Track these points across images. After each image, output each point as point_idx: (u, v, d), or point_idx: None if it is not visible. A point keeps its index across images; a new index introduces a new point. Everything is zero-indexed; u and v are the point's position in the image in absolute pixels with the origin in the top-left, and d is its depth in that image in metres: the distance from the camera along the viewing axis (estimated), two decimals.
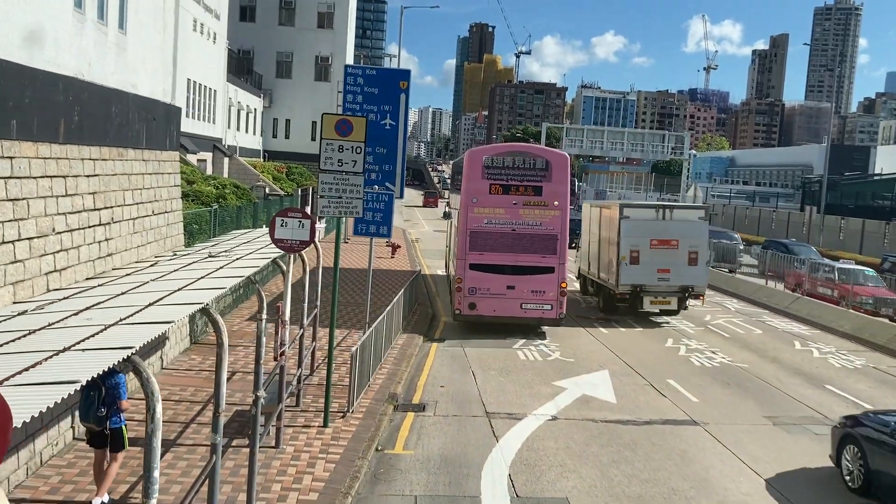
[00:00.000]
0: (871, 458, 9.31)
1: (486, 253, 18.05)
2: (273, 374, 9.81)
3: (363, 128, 10.53)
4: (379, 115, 38.02)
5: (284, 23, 50.42)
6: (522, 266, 18.00)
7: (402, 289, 18.32)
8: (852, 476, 9.68)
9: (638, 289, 20.52)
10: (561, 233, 18.15)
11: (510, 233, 18.06)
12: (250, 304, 19.04)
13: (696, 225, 21.18)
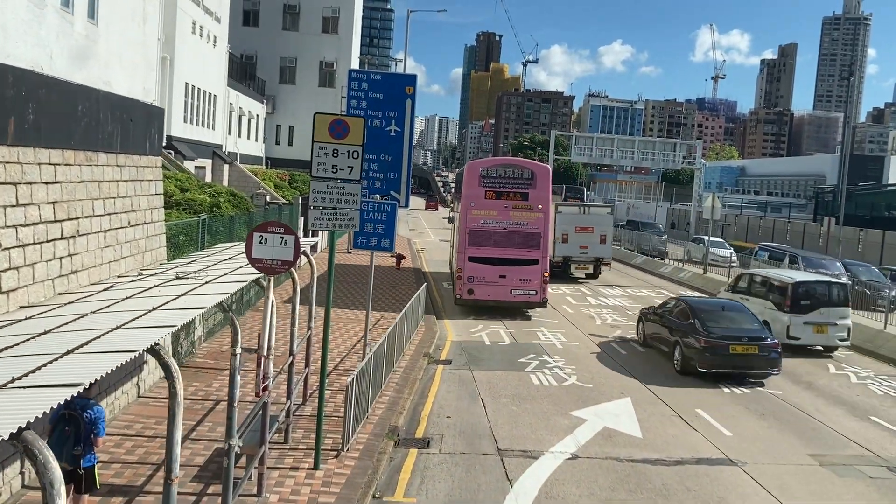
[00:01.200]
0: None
1: (482, 248, 21.57)
2: (255, 411, 8.54)
3: (361, 129, 9.29)
4: (384, 122, 36.83)
5: (288, 27, 49.43)
6: (512, 258, 21.47)
7: (406, 305, 17.07)
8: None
9: (567, 259, 30.07)
10: (544, 231, 21.78)
11: (502, 231, 21.60)
12: (245, 322, 17.80)
13: (606, 217, 31.82)
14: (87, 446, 6.77)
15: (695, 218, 65.20)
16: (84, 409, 6.69)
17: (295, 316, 10.61)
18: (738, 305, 17.03)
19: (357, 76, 37.49)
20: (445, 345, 17.70)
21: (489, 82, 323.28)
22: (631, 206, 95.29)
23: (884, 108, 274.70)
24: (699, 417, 12.86)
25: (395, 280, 27.25)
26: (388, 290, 24.54)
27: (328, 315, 9.94)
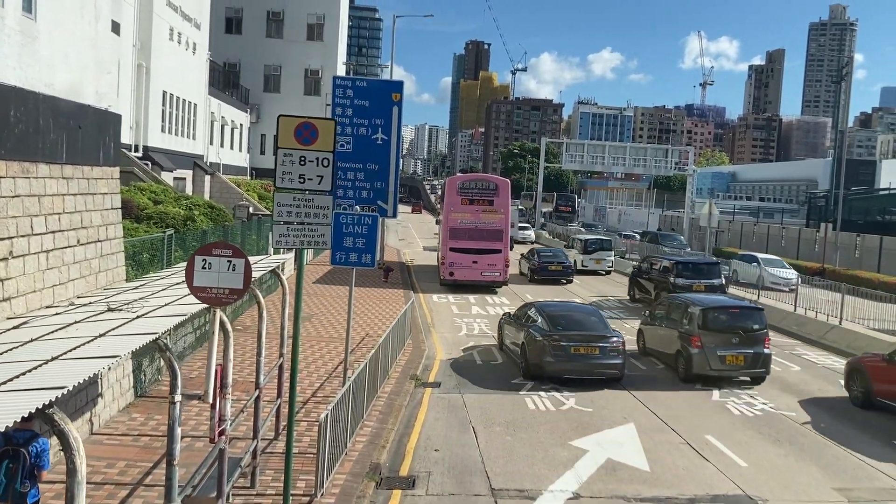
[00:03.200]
0: None
1: (459, 241, 28.00)
2: (210, 460, 7.41)
3: (331, 134, 8.20)
4: (370, 130, 35.68)
5: (272, 35, 48.38)
6: (481, 249, 28.00)
7: (392, 323, 15.97)
8: None
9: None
10: (505, 228, 28.65)
11: (474, 228, 28.17)
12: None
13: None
14: (31, 480, 6.16)
15: (688, 224, 64.37)
16: (28, 443, 6.06)
17: (261, 344, 9.49)
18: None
19: (342, 83, 36.39)
20: (434, 365, 16.59)
21: (478, 91, 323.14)
22: (622, 213, 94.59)
23: (871, 112, 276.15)
24: (709, 445, 11.79)
25: (383, 294, 26.14)
26: (375, 306, 23.43)
27: (296, 344, 8.81)
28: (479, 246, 27.93)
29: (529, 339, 15.53)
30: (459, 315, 23.30)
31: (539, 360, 15.06)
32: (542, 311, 16.18)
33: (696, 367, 15.38)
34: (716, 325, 15.74)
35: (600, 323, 16.06)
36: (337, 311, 22.08)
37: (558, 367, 14.94)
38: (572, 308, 17.77)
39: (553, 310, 16.58)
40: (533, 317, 16.24)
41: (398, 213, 19.14)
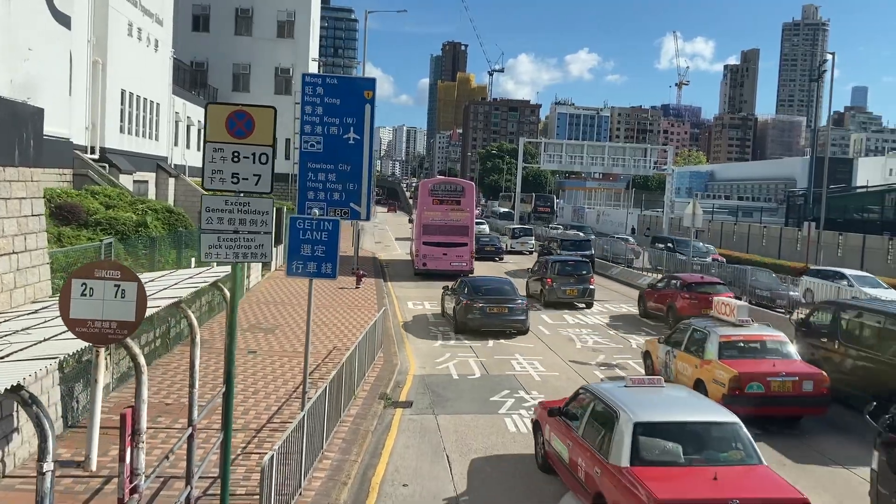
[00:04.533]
0: None
1: (431, 236, 31.70)
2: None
3: (270, 124, 6.91)
4: (342, 129, 34.33)
5: (241, 32, 46.84)
6: (450, 242, 31.53)
7: (361, 335, 14.67)
8: None
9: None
10: (470, 224, 32.42)
11: (443, 225, 31.78)
12: (172, 361, 15.20)
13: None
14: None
15: (667, 224, 63.65)
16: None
17: (193, 375, 8.12)
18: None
19: (311, 80, 34.87)
20: (407, 381, 15.30)
21: (456, 92, 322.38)
22: (601, 214, 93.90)
23: (843, 111, 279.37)
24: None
25: (354, 300, 24.80)
26: (345, 314, 22.08)
27: (230, 376, 7.48)
28: (448, 240, 31.78)
29: (458, 304, 20.47)
30: (435, 323, 22.04)
31: (464, 318, 20.00)
32: (467, 283, 21.30)
33: (548, 295, 25.25)
34: (560, 268, 25.70)
35: (511, 290, 20.99)
36: (300, 322, 20.69)
37: (478, 323, 19.82)
38: (490, 279, 22.72)
39: (476, 281, 21.81)
40: (461, 287, 21.00)
41: (376, 215, 17.79)
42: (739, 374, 12.23)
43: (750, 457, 7.97)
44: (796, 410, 12.58)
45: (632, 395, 8.82)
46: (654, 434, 7.98)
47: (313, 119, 32.80)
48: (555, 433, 9.67)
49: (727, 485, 7.28)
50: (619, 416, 8.16)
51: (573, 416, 9.37)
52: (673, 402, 9.26)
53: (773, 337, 13.69)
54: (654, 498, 7.00)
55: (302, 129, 32.25)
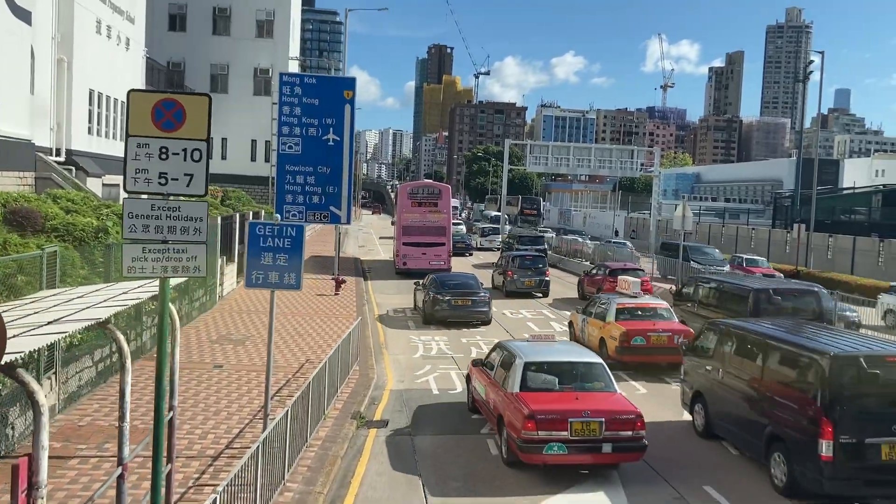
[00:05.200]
0: None
1: (411, 236, 33.22)
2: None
3: (205, 115, 5.92)
4: (321, 130, 33.21)
5: (219, 32, 45.76)
6: (428, 242, 32.99)
7: (334, 348, 13.65)
8: None
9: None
10: (447, 225, 33.93)
11: (422, 226, 33.30)
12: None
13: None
14: None
15: (654, 227, 62.98)
16: None
17: (124, 404, 7.04)
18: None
19: (289, 80, 33.71)
20: (383, 396, 14.29)
21: (442, 95, 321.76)
22: (588, 216, 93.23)
23: (827, 113, 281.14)
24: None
25: (332, 308, 23.74)
26: (322, 323, 21.02)
27: (160, 409, 6.45)
28: (427, 240, 33.38)
29: (427, 297, 22.32)
30: (417, 333, 21.05)
31: (432, 310, 21.89)
32: (435, 278, 23.14)
33: (508, 285, 28.60)
34: (520, 262, 29.23)
35: (475, 284, 23.00)
36: (278, 330, 19.63)
37: (444, 315, 21.70)
38: (457, 275, 25.05)
39: (443, 277, 23.86)
40: (430, 283, 22.85)
41: (361, 218, 16.96)
42: (627, 330, 16.48)
43: (608, 386, 11.09)
44: (670, 358, 15.68)
45: (529, 346, 12.13)
46: (537, 370, 11.13)
47: (291, 120, 31.77)
48: (477, 379, 12.68)
49: (584, 402, 10.42)
50: (516, 359, 11.33)
51: (490, 365, 12.38)
52: (557, 351, 12.27)
53: (658, 305, 18.14)
54: (531, 410, 10.07)
55: (279, 131, 31.23)
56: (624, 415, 10.18)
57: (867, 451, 9.22)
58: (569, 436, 9.89)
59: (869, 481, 9.31)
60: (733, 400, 11.32)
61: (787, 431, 9.91)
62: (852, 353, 9.71)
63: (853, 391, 9.50)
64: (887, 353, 9.90)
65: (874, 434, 9.20)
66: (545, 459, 10.00)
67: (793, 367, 10.25)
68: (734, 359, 11.67)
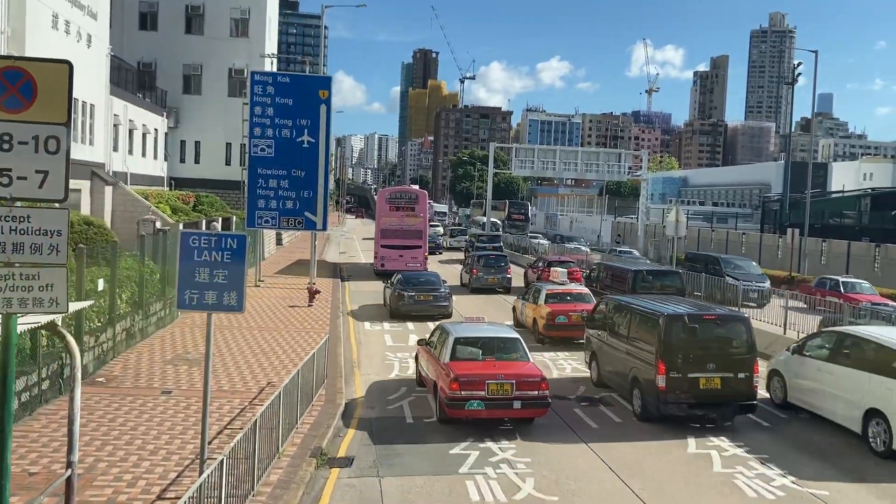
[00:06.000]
0: None
1: (389, 239, 34.80)
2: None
3: (65, 89, 4.29)
4: (295, 131, 31.42)
5: (192, 31, 43.96)
6: (405, 245, 34.47)
7: (294, 372, 12.06)
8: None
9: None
10: (423, 229, 35.61)
11: (399, 229, 34.82)
12: (27, 428, 12.40)
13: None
14: None
15: (642, 232, 61.76)
16: None
17: (4, 466, 5.44)
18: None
19: (261, 78, 31.92)
20: (350, 426, 12.70)
21: (427, 99, 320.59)
22: (574, 221, 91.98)
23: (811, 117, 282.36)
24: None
25: (304, 321, 22.10)
26: (291, 338, 19.38)
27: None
28: (404, 243, 34.83)
29: (392, 293, 24.28)
30: (393, 348, 19.48)
31: (396, 305, 23.70)
32: (402, 277, 24.95)
33: (473, 282, 31.43)
34: (484, 262, 32.06)
35: (437, 281, 24.88)
36: (243, 347, 17.98)
37: (408, 309, 23.40)
38: (420, 273, 27.31)
39: (408, 275, 25.57)
40: (397, 280, 24.73)
41: (345, 223, 15.94)
42: (552, 310, 20.29)
43: (522, 356, 13.31)
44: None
45: (463, 325, 14.71)
46: (465, 344, 13.28)
47: (263, 121, 30.08)
48: (422, 355, 14.83)
49: (500, 369, 12.60)
50: (449, 336, 13.42)
51: (432, 343, 14.33)
52: (483, 329, 14.47)
53: (581, 291, 22.17)
54: (455, 374, 12.17)
55: (251, 132, 29.54)
56: (531, 378, 12.53)
57: (690, 383, 12.72)
58: (486, 395, 12.15)
59: (691, 404, 12.82)
60: (613, 355, 14.97)
61: (641, 372, 13.44)
62: (680, 313, 13.29)
63: (680, 340, 12.95)
64: (705, 313, 13.76)
65: (694, 370, 12.77)
66: (467, 414, 12.26)
67: (645, 325, 13.76)
68: (613, 324, 15.27)
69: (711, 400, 12.76)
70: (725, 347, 13.25)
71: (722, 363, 12.83)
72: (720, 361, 12.85)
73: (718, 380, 12.73)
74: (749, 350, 13.11)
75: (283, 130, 29.42)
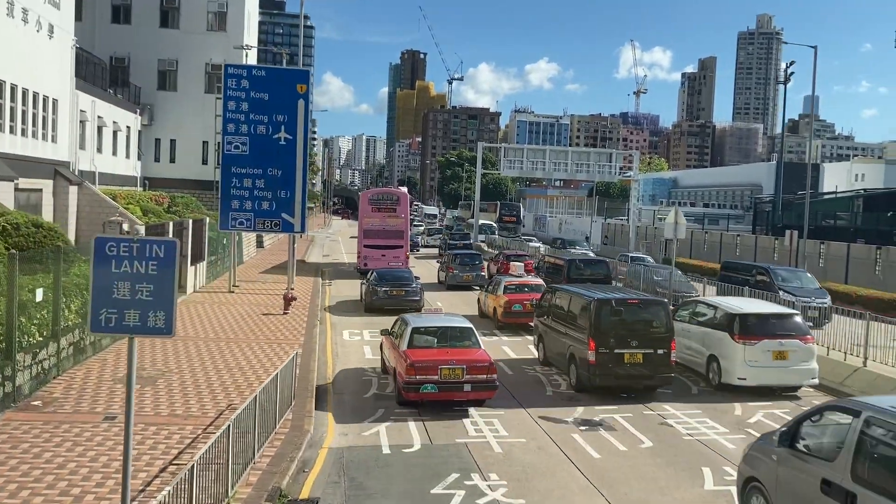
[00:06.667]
0: None
1: (371, 239, 35.69)
2: None
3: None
4: (271, 128, 29.53)
5: (167, 25, 42.18)
6: (387, 245, 35.32)
7: (251, 397, 10.42)
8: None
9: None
10: (405, 229, 36.58)
11: (382, 230, 35.73)
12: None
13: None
14: None
15: (633, 234, 60.42)
16: None
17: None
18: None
19: (235, 72, 30.05)
20: (318, 459, 11.09)
21: (415, 100, 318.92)
22: (563, 223, 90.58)
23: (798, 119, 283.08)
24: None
25: (278, 331, 20.42)
26: (261, 352, 17.71)
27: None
28: (386, 243, 35.57)
29: (367, 288, 25.70)
30: (372, 361, 17.87)
31: (371, 299, 24.89)
32: (376, 273, 26.48)
33: (449, 280, 32.94)
34: (460, 260, 33.53)
35: (409, 276, 26.16)
36: (206, 362, 16.31)
37: (381, 303, 24.40)
38: (392, 269, 27.96)
39: (382, 271, 26.98)
40: (371, 276, 26.30)
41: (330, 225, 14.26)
42: (509, 300, 22.44)
43: (474, 344, 14.38)
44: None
45: (421, 316, 16.20)
46: (421, 333, 14.40)
47: (238, 116, 28.33)
48: (385, 345, 15.85)
49: (452, 355, 13.74)
50: (407, 325, 14.57)
51: (394, 333, 15.28)
52: (440, 319, 15.56)
53: (537, 282, 24.16)
54: (411, 360, 13.43)
55: (224, 128, 27.82)
56: (480, 363, 13.61)
57: (615, 358, 14.67)
58: (439, 379, 13.24)
59: (618, 376, 14.79)
60: (554, 337, 17.00)
61: (576, 349, 15.43)
62: (608, 298, 15.54)
63: (607, 321, 14.95)
64: (629, 298, 16.09)
65: (620, 347, 14.73)
66: (422, 396, 13.30)
67: (579, 308, 15.78)
68: (554, 310, 17.34)
69: (635, 372, 14.91)
70: (646, 328, 15.26)
71: (643, 341, 14.93)
72: (642, 339, 14.96)
73: (640, 355, 14.83)
74: (667, 330, 15.24)
75: (259, 127, 27.76)
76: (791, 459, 8.04)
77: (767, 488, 8.27)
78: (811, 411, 8.46)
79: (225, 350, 17.64)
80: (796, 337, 15.72)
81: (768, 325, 15.92)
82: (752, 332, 15.60)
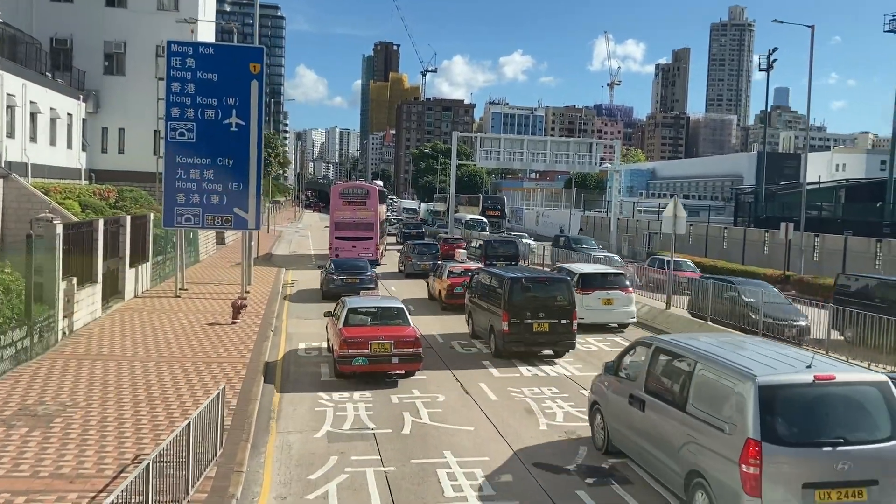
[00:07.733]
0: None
1: (342, 231, 37.35)
2: None
3: None
4: (221, 112, 25.62)
5: (114, 4, 38.80)
6: (358, 237, 37.13)
7: (154, 451, 7.60)
8: None
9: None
10: (375, 222, 37.77)
11: (352, 222, 37.43)
12: None
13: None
14: None
15: (614, 226, 58.11)
16: None
17: None
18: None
19: (179, 49, 26.34)
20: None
21: (388, 92, 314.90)
22: (541, 215, 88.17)
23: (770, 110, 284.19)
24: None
25: (220, 346, 17.46)
26: (196, 375, 14.77)
27: None
28: (357, 235, 36.79)
29: (324, 276, 27.58)
30: (329, 383, 15.07)
31: (327, 287, 26.80)
32: (333, 262, 28.78)
33: (408, 268, 35.39)
34: (417, 250, 36.34)
35: (365, 266, 28.00)
36: (124, 389, 13.37)
37: (337, 290, 25.39)
38: (350, 259, 30.03)
39: (339, 261, 29.15)
40: (329, 266, 28.10)
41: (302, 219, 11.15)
42: (451, 283, 25.17)
43: (404, 322, 15.85)
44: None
45: (358, 298, 17.93)
46: (356, 312, 15.98)
47: (183, 99, 25.21)
48: (329, 326, 17.38)
49: (382, 331, 15.15)
50: (345, 306, 16.13)
51: (335, 314, 16.91)
52: (376, 301, 17.75)
53: (477, 267, 24.61)
54: (345, 336, 14.88)
55: (168, 113, 24.76)
56: (407, 338, 14.98)
57: (525, 327, 17.38)
58: (369, 352, 14.67)
59: (527, 342, 17.51)
60: (479, 313, 19.44)
61: (494, 321, 17.99)
62: (520, 277, 18.30)
63: (520, 295, 17.63)
64: (537, 276, 19.52)
65: (529, 318, 17.40)
66: (354, 369, 14.70)
67: (496, 287, 18.39)
68: (478, 289, 19.93)
69: (542, 340, 17.49)
70: (552, 301, 17.66)
71: (549, 313, 17.43)
72: (548, 311, 17.45)
73: (547, 325, 17.36)
74: (569, 304, 17.67)
75: (207, 111, 24.77)
76: (615, 384, 10.89)
77: (603, 408, 11.16)
78: (628, 347, 11.12)
79: (152, 373, 14.70)
80: (619, 289, 22.08)
81: (598, 280, 22.16)
82: (588, 286, 21.76)
